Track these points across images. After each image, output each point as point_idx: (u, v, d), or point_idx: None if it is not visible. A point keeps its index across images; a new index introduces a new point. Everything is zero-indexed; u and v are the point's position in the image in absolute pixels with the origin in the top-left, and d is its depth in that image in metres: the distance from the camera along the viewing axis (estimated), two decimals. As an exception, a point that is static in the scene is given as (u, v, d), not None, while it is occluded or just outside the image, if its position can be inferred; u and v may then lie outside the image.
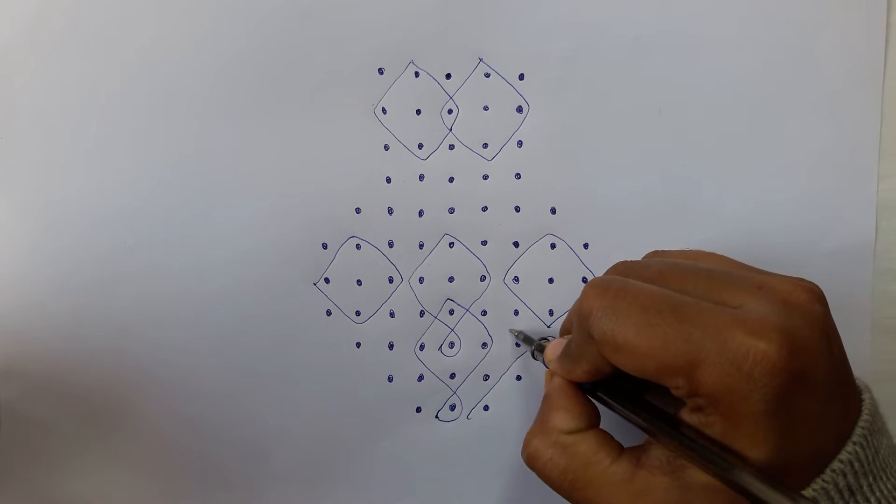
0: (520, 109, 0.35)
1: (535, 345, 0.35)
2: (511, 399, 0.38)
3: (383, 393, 0.37)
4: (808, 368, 0.25)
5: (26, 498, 0.36)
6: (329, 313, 0.36)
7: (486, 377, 0.38)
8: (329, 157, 0.35)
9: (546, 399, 0.31)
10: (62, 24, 0.33)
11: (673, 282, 0.27)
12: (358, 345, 0.36)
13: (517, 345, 0.37)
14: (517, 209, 0.36)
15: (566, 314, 0.37)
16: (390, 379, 0.37)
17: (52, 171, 0.33)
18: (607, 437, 0.29)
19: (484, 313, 0.37)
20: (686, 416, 0.26)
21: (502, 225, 0.36)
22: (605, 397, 0.29)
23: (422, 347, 0.37)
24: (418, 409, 0.37)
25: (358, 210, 0.35)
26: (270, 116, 0.34)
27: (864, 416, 0.27)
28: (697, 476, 0.26)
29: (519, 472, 0.39)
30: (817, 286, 0.27)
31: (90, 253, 0.34)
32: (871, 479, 0.26)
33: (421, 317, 0.37)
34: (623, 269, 0.29)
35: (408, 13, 0.34)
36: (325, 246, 0.35)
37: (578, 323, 0.28)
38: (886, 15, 0.35)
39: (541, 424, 0.30)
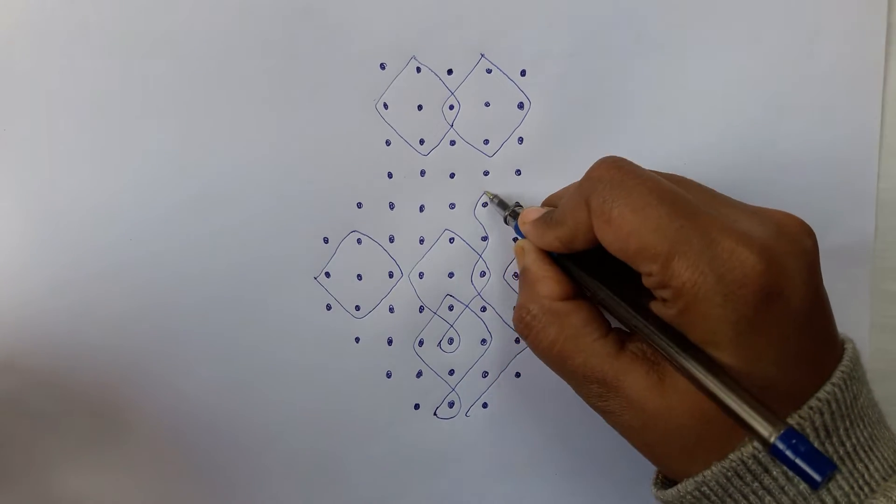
0: (521, 106, 0.36)
1: (509, 210, 0.35)
2: (510, 396, 0.38)
3: (382, 389, 0.37)
4: (784, 291, 0.25)
5: (25, 494, 0.36)
6: (329, 307, 0.36)
7: (486, 374, 0.38)
8: (330, 152, 0.35)
9: (526, 272, 0.31)
10: (62, 20, 0.33)
11: (678, 185, 0.28)
12: (357, 340, 0.36)
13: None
14: (518, 206, 0.36)
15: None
16: (389, 375, 0.37)
17: (53, 165, 0.33)
18: (597, 313, 0.30)
19: (483, 309, 0.37)
20: (654, 307, 0.27)
21: (502, 221, 0.36)
22: (574, 269, 0.30)
23: (421, 343, 0.37)
24: (416, 406, 0.37)
25: (359, 205, 0.35)
26: (272, 111, 0.34)
27: (846, 362, 0.27)
28: (672, 372, 0.27)
29: (518, 470, 0.39)
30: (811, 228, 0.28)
31: (90, 247, 0.34)
32: (847, 423, 0.26)
33: (420, 312, 0.37)
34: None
35: (410, 8, 0.34)
36: (325, 240, 0.35)
37: (579, 187, 0.28)
38: (887, 15, 0.35)
39: (530, 295, 0.31)
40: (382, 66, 0.35)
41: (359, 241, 0.36)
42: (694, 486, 0.27)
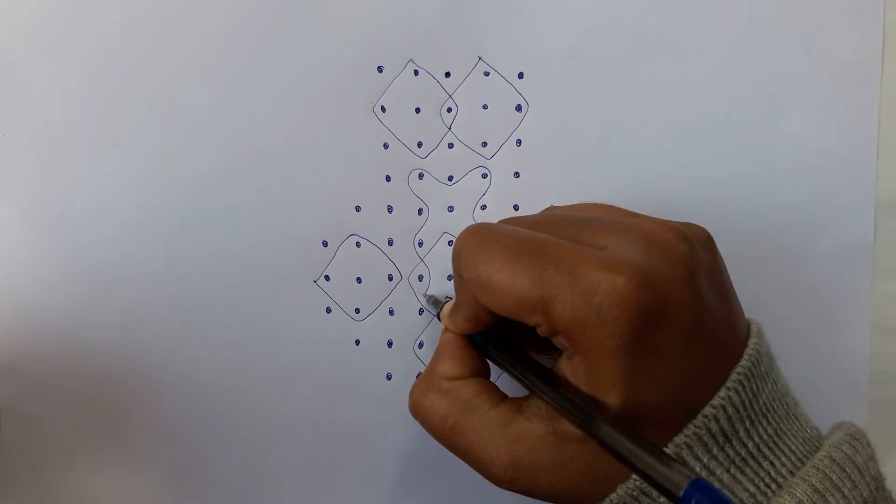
0: (519, 108, 0.36)
1: (440, 306, 0.35)
2: (510, 398, 0.38)
3: (382, 391, 0.37)
4: (665, 305, 0.25)
5: (24, 497, 0.36)
6: (329, 311, 0.36)
7: (485, 376, 0.38)
8: (328, 156, 0.35)
9: (436, 351, 0.31)
10: (62, 23, 0.33)
11: (546, 229, 0.28)
12: (357, 342, 0.36)
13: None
14: (516, 208, 0.36)
15: None
16: (389, 377, 0.37)
17: (52, 170, 0.34)
18: (489, 385, 0.30)
19: (483, 312, 0.37)
20: (560, 365, 0.27)
21: (501, 223, 0.36)
22: (492, 351, 0.30)
23: (420, 345, 0.37)
24: (417, 408, 0.37)
25: (358, 208, 0.36)
26: (270, 115, 0.34)
27: (743, 362, 0.27)
28: (570, 426, 0.26)
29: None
30: (691, 229, 0.28)
31: (89, 251, 0.34)
32: (748, 423, 0.26)
33: (420, 315, 0.37)
34: (506, 221, 0.30)
35: (407, 11, 0.34)
36: (325, 244, 0.36)
37: (454, 267, 0.29)
38: (883, 15, 0.35)
39: (426, 374, 0.31)
40: (380, 69, 0.35)
41: (358, 244, 0.36)
42: None
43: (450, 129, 0.36)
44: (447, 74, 0.35)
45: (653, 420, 0.25)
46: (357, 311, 0.36)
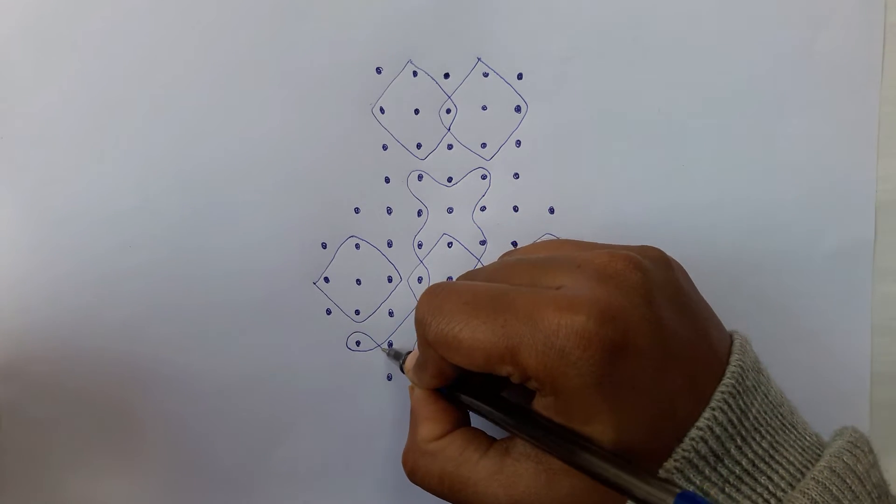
0: (518, 109, 0.36)
1: (402, 358, 0.35)
2: (510, 399, 0.38)
3: (382, 391, 0.37)
4: (627, 337, 0.25)
5: (26, 498, 0.36)
6: (329, 312, 0.36)
7: (485, 377, 0.38)
8: (327, 157, 0.35)
9: (412, 414, 0.32)
10: (62, 23, 0.33)
11: (502, 278, 0.28)
12: (357, 343, 0.36)
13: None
14: (515, 209, 0.36)
15: None
16: (389, 378, 0.37)
17: (53, 171, 0.34)
18: (475, 434, 0.30)
19: (482, 313, 0.37)
20: (536, 404, 0.27)
21: (501, 225, 0.36)
22: (465, 399, 0.30)
23: (420, 347, 0.37)
24: (417, 409, 0.37)
25: (357, 210, 0.36)
26: (268, 116, 0.34)
27: (726, 380, 0.26)
28: (557, 460, 0.26)
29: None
30: (645, 253, 0.28)
31: (90, 253, 0.34)
32: (738, 441, 0.26)
33: (419, 316, 0.37)
34: (464, 276, 0.31)
35: (406, 12, 0.34)
36: (324, 245, 0.36)
37: (417, 331, 0.29)
38: (884, 15, 0.35)
39: (411, 440, 0.31)
40: (378, 71, 0.35)
41: (357, 246, 0.36)
42: None
43: (449, 130, 0.35)
44: (446, 75, 0.35)
45: (639, 450, 0.25)
46: (357, 312, 0.36)
